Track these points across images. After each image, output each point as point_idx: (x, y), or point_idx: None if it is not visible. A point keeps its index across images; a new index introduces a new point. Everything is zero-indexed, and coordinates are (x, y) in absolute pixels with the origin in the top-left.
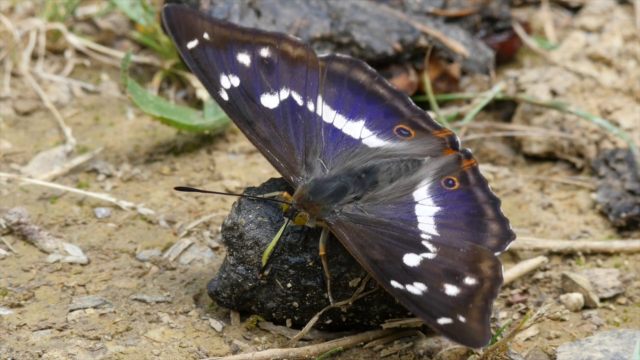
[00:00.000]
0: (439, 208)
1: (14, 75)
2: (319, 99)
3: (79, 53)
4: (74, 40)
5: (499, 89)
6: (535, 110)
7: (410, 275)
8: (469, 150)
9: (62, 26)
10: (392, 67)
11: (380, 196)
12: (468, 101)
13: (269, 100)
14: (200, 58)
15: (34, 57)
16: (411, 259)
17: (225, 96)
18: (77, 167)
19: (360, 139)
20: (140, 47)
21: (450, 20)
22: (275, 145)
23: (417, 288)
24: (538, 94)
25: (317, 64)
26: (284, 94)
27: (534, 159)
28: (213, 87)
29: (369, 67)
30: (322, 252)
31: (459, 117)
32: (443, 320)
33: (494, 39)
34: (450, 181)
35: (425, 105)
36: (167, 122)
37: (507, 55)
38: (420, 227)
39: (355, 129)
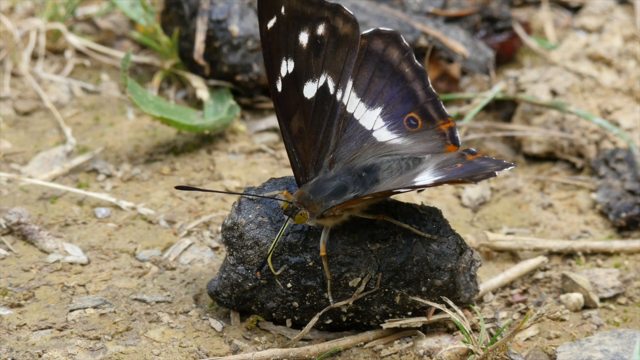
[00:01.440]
0: (441, 176)
1: (14, 75)
2: (349, 85)
3: (79, 53)
4: (74, 40)
5: (499, 89)
6: (535, 110)
7: None
8: (473, 149)
9: (62, 26)
10: None
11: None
12: (468, 101)
13: (310, 89)
14: (273, 41)
15: (34, 57)
16: None
17: (279, 87)
18: (77, 167)
19: (372, 131)
20: (140, 47)
21: (450, 20)
22: (300, 143)
23: None
24: (538, 94)
25: (357, 44)
26: (322, 80)
27: (534, 159)
28: (273, 76)
29: (404, 42)
30: (322, 253)
31: (459, 117)
32: None
33: (494, 39)
34: (454, 165)
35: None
36: (167, 122)
37: (507, 55)
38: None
39: (371, 118)
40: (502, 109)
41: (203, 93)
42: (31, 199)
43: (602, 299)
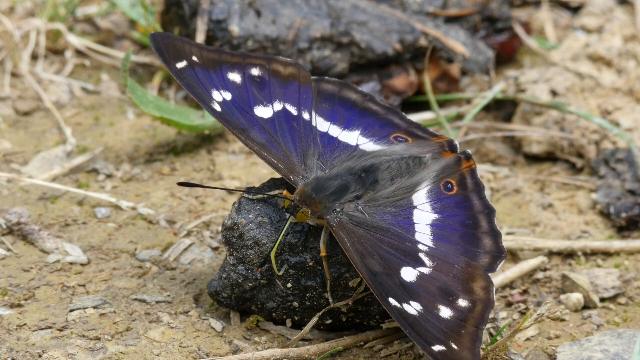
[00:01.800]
0: (436, 215)
1: (14, 75)
2: (313, 111)
3: (79, 53)
4: (74, 40)
5: (499, 89)
6: (535, 110)
7: (407, 292)
8: (469, 151)
9: (62, 26)
10: (392, 67)
11: (380, 197)
12: (468, 101)
13: (263, 111)
14: (189, 77)
15: (34, 57)
16: (408, 274)
17: (217, 107)
18: (77, 167)
19: (358, 145)
20: (140, 47)
21: (450, 20)
22: (272, 149)
23: (413, 307)
24: (538, 94)
25: (309, 79)
26: (278, 106)
27: (534, 159)
28: (204, 100)
29: (359, 88)
30: (322, 253)
31: (459, 117)
32: (437, 348)
33: (494, 39)
34: (449, 185)
35: (425, 105)
36: (167, 122)
37: (507, 55)
38: (418, 236)
39: (351, 137)
40: (502, 109)
41: None
42: (31, 199)
43: (602, 299)
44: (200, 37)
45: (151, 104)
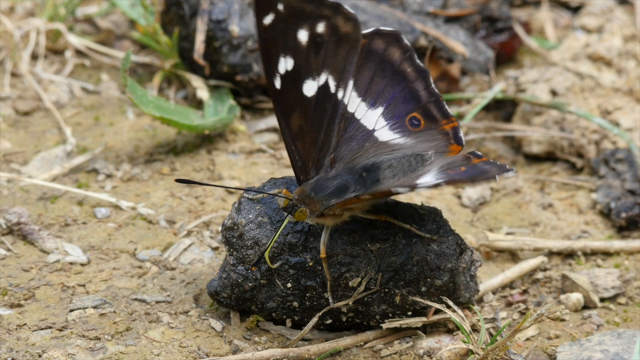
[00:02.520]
0: (443, 179)
1: (14, 75)
2: (350, 84)
3: (79, 53)
4: (74, 40)
5: (499, 89)
6: (535, 110)
7: None
8: (479, 152)
9: (62, 26)
10: None
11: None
12: (468, 101)
13: (310, 87)
14: (270, 37)
15: (34, 57)
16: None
17: (277, 83)
18: (77, 167)
19: (374, 131)
20: (140, 47)
21: (450, 20)
22: (300, 141)
23: None
24: (538, 94)
25: (358, 43)
26: (323, 78)
27: (534, 159)
28: (270, 72)
29: (405, 41)
30: (322, 255)
31: (459, 117)
32: None
33: (494, 39)
34: (458, 168)
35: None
36: (167, 122)
37: (507, 55)
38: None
39: (372, 117)
40: (502, 109)
41: (203, 93)
42: (31, 199)
43: (602, 299)
44: (200, 37)
45: (151, 104)
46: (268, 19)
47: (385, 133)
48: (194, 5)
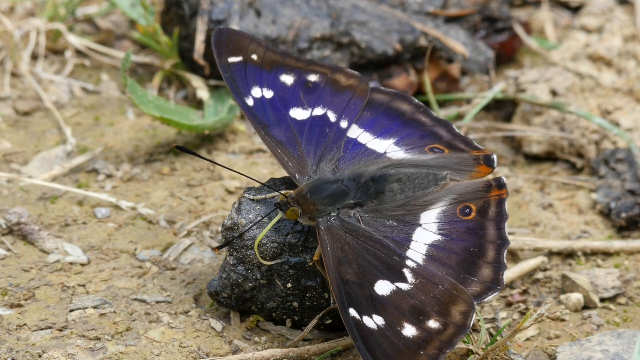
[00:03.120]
0: (439, 237)
1: (14, 75)
2: (353, 120)
3: (79, 53)
4: (74, 40)
5: (499, 89)
6: (535, 110)
7: (374, 305)
8: (504, 179)
9: (62, 26)
10: (392, 67)
11: (384, 210)
12: (468, 101)
13: (299, 113)
14: (235, 71)
15: (34, 57)
16: (383, 287)
17: (250, 102)
18: (77, 167)
19: (385, 153)
20: (140, 47)
21: (450, 20)
22: (289, 148)
23: (373, 321)
24: (538, 94)
25: (365, 93)
26: (319, 111)
27: (534, 159)
28: (240, 93)
29: (415, 100)
30: (315, 257)
31: (459, 117)
32: None
33: (494, 39)
34: (467, 209)
35: (425, 105)
36: (167, 122)
37: (507, 55)
38: (409, 253)
39: (382, 145)
40: (502, 109)
41: (203, 93)
42: (31, 199)
43: (602, 299)
44: (200, 37)
45: (151, 104)
46: (234, 59)
47: (399, 154)
48: (194, 5)
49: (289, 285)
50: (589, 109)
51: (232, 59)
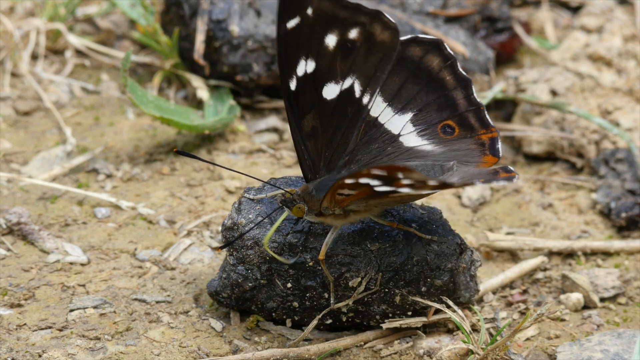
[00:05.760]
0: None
1: (14, 75)
2: (377, 89)
3: (79, 53)
4: (74, 40)
5: (499, 89)
6: (535, 110)
7: None
8: (511, 167)
9: (62, 26)
10: None
11: None
12: None
13: (330, 91)
14: (292, 41)
15: (34, 57)
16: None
17: (293, 85)
18: (77, 167)
19: (399, 135)
20: (140, 47)
21: (450, 20)
22: (311, 142)
23: None
24: (538, 94)
25: (394, 52)
26: (348, 82)
27: (534, 159)
28: (286, 73)
29: (447, 50)
30: (321, 257)
31: None
32: None
33: (494, 39)
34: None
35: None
36: (167, 122)
37: (507, 55)
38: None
39: (399, 123)
40: (502, 109)
41: (203, 93)
42: (31, 199)
43: (602, 299)
44: (200, 37)
45: (151, 104)
46: (292, 22)
47: (412, 138)
48: (194, 5)
49: (289, 285)
50: (589, 109)
51: (290, 23)
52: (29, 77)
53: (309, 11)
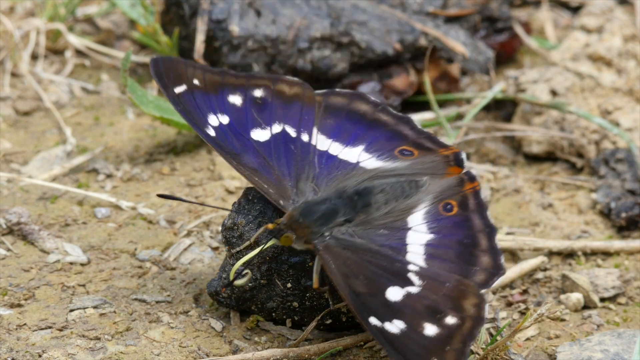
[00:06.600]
0: (432, 236)
1: (14, 75)
2: (314, 130)
3: (79, 53)
4: (74, 40)
5: (499, 89)
6: (535, 110)
7: (391, 311)
8: (473, 172)
9: (62, 26)
10: (392, 67)
11: (373, 220)
12: (468, 101)
13: (260, 134)
14: (186, 102)
15: (34, 57)
16: (394, 293)
17: (212, 132)
18: (77, 167)
19: (358, 163)
20: (140, 47)
21: (450, 20)
22: (264, 174)
23: (395, 326)
24: (538, 94)
25: (313, 99)
26: (277, 128)
27: (534, 159)
28: (199, 125)
29: (372, 98)
30: (315, 285)
31: (459, 117)
32: None
33: (494, 39)
34: (449, 206)
35: (426, 105)
36: (167, 122)
37: (507, 55)
38: (409, 257)
39: (353, 154)
40: (502, 109)
41: None
42: (31, 199)
43: (602, 299)
44: (200, 37)
45: (151, 104)
46: (179, 89)
47: (372, 162)
48: (194, 5)
49: (289, 285)
50: (589, 109)
51: (177, 89)
52: (29, 77)
53: (196, 82)
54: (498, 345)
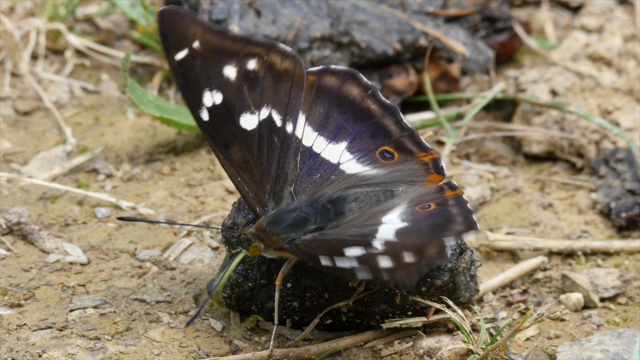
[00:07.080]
0: (405, 223)
1: (14, 75)
2: (301, 119)
3: (79, 53)
4: (74, 40)
5: (499, 89)
6: (535, 110)
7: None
8: (454, 182)
9: (62, 26)
10: (392, 67)
11: (344, 222)
12: (468, 101)
13: (248, 121)
14: (188, 72)
15: (34, 57)
16: (356, 251)
17: (205, 116)
18: (77, 167)
19: (339, 164)
20: (140, 47)
21: (450, 20)
22: (247, 173)
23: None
24: (538, 94)
25: (302, 79)
26: (264, 113)
27: (534, 158)
28: (195, 105)
29: (364, 80)
30: (278, 282)
31: (459, 117)
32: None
33: (494, 39)
34: (427, 206)
35: (425, 105)
36: (167, 122)
37: (507, 55)
38: (379, 235)
39: (336, 152)
40: (502, 109)
41: None
42: (31, 199)
43: (602, 299)
44: None
45: (151, 104)
46: (180, 55)
47: (352, 166)
48: (194, 5)
49: (289, 285)
50: (589, 109)
51: (179, 55)
52: (29, 77)
53: (195, 45)
54: (498, 345)
